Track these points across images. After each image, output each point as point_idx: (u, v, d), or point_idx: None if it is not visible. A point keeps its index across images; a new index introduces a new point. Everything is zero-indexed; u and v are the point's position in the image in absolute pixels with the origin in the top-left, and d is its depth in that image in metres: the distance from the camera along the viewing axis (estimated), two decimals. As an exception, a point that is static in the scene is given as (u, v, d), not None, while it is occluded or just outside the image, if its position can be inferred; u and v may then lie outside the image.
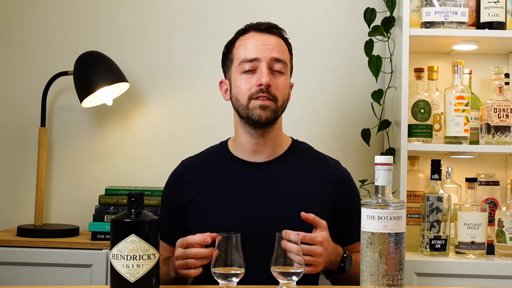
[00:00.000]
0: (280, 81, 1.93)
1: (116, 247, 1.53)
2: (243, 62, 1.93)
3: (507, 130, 2.39)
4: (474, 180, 2.36)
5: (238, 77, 1.94)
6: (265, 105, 1.89)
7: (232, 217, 1.90)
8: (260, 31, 1.97)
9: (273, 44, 1.95)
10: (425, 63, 2.59)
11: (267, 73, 1.90)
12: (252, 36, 1.96)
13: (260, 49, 1.92)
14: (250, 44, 1.94)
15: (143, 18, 2.80)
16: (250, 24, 2.00)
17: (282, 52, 1.96)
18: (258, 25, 1.98)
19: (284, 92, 1.95)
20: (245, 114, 1.92)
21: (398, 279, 1.52)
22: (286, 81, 1.96)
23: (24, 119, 2.77)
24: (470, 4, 2.50)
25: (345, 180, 2.02)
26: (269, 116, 1.90)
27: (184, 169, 2.05)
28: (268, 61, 1.92)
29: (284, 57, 1.96)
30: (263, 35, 1.96)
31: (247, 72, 1.92)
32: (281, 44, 1.98)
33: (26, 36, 2.80)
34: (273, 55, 1.93)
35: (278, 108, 1.93)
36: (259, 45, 1.93)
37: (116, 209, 2.52)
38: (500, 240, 2.35)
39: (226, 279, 1.56)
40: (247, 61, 1.92)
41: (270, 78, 1.90)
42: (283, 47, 1.98)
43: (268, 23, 1.99)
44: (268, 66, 1.91)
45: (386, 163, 1.56)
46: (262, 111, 1.89)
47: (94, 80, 2.52)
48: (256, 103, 1.89)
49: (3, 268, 2.39)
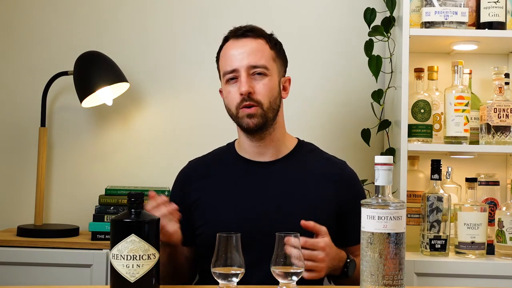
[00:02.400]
0: (263, 84, 1.93)
1: (116, 247, 1.53)
2: (225, 73, 1.96)
3: (507, 130, 2.39)
4: (474, 180, 2.36)
5: (225, 88, 1.97)
6: (251, 113, 1.91)
7: (239, 216, 1.90)
8: (237, 37, 1.98)
9: (248, 50, 1.94)
10: (425, 63, 2.59)
11: (246, 81, 1.91)
12: (230, 45, 1.97)
13: (237, 58, 1.94)
14: (228, 55, 1.96)
15: (143, 19, 2.80)
16: (230, 31, 2.01)
17: (259, 55, 1.95)
18: (236, 31, 1.99)
19: (268, 94, 1.94)
20: (237, 122, 1.96)
21: (398, 279, 1.52)
22: (270, 82, 1.95)
23: (24, 119, 2.77)
24: (470, 4, 2.50)
25: (352, 181, 2.02)
26: (257, 122, 1.92)
27: (191, 169, 2.07)
28: (246, 69, 1.92)
29: (262, 61, 1.94)
30: (239, 41, 1.96)
31: (230, 83, 1.95)
32: (258, 47, 1.96)
33: (26, 36, 2.80)
34: (249, 62, 1.93)
35: (266, 111, 1.93)
36: (236, 55, 1.94)
37: (116, 209, 2.52)
38: (500, 240, 2.35)
39: (226, 279, 1.56)
40: (228, 72, 1.95)
41: (249, 85, 1.91)
42: (260, 50, 1.96)
43: (245, 27, 1.99)
44: (247, 73, 1.92)
45: (386, 163, 1.56)
46: (249, 119, 1.91)
47: (94, 80, 2.52)
48: (243, 113, 1.92)
49: (3, 268, 2.39)
